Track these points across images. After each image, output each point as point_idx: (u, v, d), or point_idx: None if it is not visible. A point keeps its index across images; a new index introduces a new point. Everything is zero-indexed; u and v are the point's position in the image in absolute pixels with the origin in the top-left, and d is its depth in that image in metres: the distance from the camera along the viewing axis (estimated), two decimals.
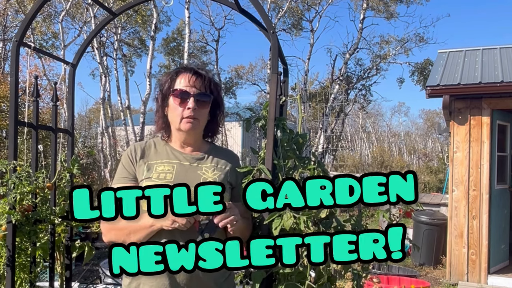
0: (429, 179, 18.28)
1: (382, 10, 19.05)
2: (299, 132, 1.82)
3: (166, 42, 21.70)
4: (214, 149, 1.74)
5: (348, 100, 20.09)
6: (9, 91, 2.03)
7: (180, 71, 1.66)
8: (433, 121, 35.94)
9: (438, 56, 6.94)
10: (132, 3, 2.26)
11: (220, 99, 1.73)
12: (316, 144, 17.39)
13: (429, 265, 6.61)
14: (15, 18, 16.12)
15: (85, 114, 31.67)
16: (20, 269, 2.07)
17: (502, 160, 6.16)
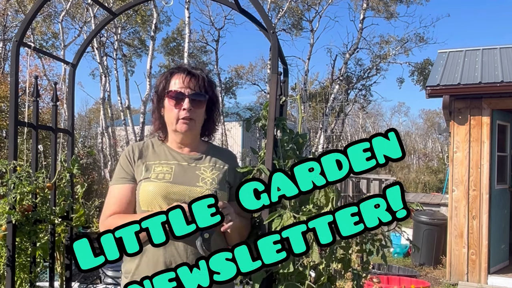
0: (429, 179, 18.28)
1: (382, 10, 19.06)
2: (299, 132, 1.82)
3: (166, 42, 21.71)
4: (212, 149, 1.75)
5: (348, 100, 20.09)
6: (9, 91, 2.03)
7: (174, 72, 1.66)
8: (433, 121, 35.94)
9: (438, 56, 6.94)
10: (132, 3, 2.26)
11: (215, 98, 1.72)
12: (316, 144, 17.39)
13: (429, 265, 6.61)
14: (15, 18, 16.13)
15: (85, 114, 31.66)
16: (20, 269, 2.07)
17: (502, 160, 6.16)
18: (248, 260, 1.29)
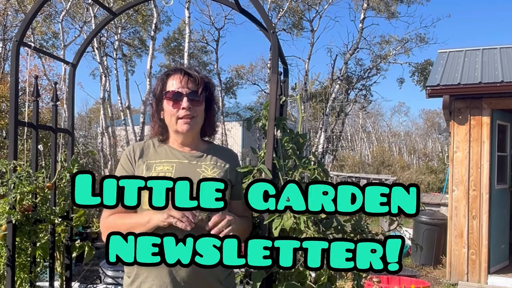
0: (429, 179, 18.27)
1: (383, 10, 19.04)
2: (299, 132, 1.81)
3: (167, 42, 21.72)
4: (213, 148, 1.75)
5: (348, 100, 20.09)
6: (9, 91, 2.03)
7: (170, 74, 1.67)
8: (433, 121, 35.93)
9: (438, 56, 6.93)
10: (132, 3, 2.26)
11: (213, 97, 1.73)
12: (316, 144, 17.39)
13: (429, 265, 6.61)
14: (15, 18, 16.12)
15: (85, 114, 31.67)
16: (20, 269, 2.07)
17: (502, 160, 6.16)
18: (233, 255, 1.29)
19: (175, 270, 1.51)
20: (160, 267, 1.51)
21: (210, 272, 1.54)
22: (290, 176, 1.70)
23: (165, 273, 1.51)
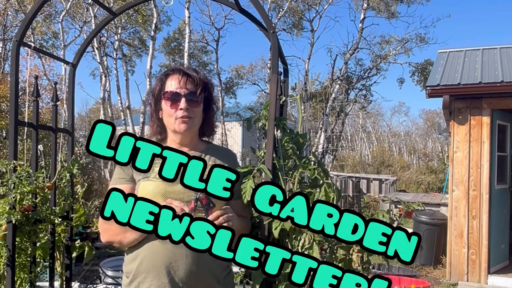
0: (429, 179, 18.27)
1: (383, 10, 19.05)
2: (299, 132, 1.81)
3: (167, 42, 21.73)
4: (211, 148, 1.75)
5: (348, 100, 20.09)
6: (9, 91, 2.03)
7: (169, 74, 1.67)
8: (433, 121, 35.94)
9: (438, 56, 6.93)
10: (132, 3, 2.26)
11: (212, 97, 1.73)
12: (316, 144, 17.39)
13: (429, 265, 6.61)
14: (15, 18, 16.14)
15: (85, 114, 31.68)
16: (20, 269, 2.07)
17: (502, 160, 6.16)
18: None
19: (173, 270, 1.51)
20: (159, 267, 1.51)
21: (208, 271, 1.55)
22: (290, 176, 1.71)
23: (164, 273, 1.51)
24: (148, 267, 1.53)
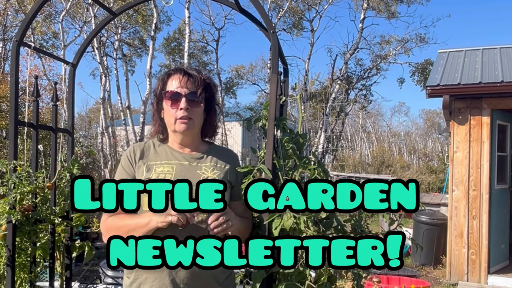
0: (429, 179, 18.26)
1: (383, 10, 19.04)
2: (299, 132, 1.81)
3: (167, 42, 21.72)
4: (213, 148, 1.74)
5: (348, 100, 20.09)
6: (9, 91, 2.03)
7: (171, 73, 1.67)
8: (433, 121, 35.94)
9: (438, 56, 6.93)
10: (132, 3, 2.26)
11: (214, 98, 1.72)
12: (316, 144, 17.38)
13: (429, 265, 6.61)
14: (15, 18, 16.13)
15: (85, 114, 31.67)
16: (20, 269, 2.07)
17: (502, 160, 6.16)
18: (234, 255, 1.29)
19: (175, 271, 1.51)
20: (160, 269, 1.51)
21: (210, 273, 1.54)
22: (290, 176, 1.70)
23: (165, 274, 1.51)
24: (148, 269, 1.53)
